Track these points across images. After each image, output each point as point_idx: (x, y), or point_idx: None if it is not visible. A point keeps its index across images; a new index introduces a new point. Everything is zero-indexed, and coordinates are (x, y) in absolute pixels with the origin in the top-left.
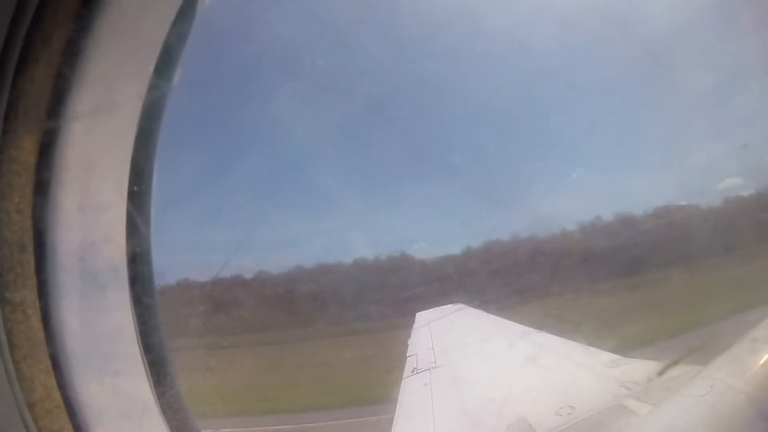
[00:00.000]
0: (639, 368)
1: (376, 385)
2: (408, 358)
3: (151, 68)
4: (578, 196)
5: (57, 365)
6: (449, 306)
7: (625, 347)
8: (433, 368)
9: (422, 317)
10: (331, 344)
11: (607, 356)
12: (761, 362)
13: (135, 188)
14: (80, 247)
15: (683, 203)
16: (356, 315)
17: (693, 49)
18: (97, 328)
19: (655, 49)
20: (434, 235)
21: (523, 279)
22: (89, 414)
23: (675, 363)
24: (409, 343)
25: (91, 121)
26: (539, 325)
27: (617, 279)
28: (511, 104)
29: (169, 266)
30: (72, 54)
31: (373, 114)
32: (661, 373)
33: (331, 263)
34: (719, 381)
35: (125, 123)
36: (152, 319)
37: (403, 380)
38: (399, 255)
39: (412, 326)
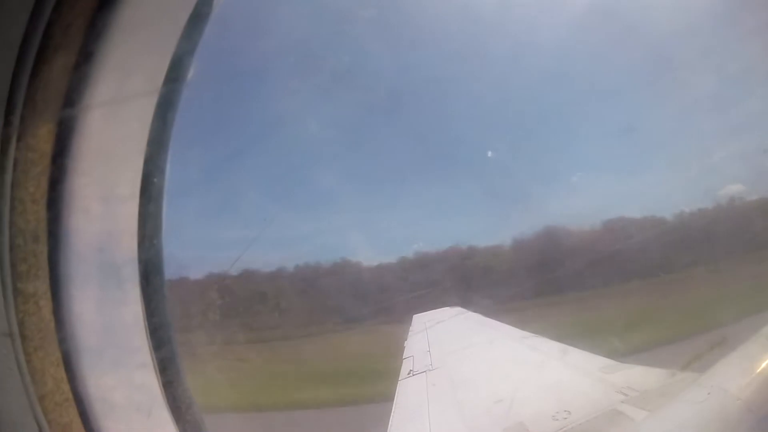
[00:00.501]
0: (636, 374)
1: (372, 386)
2: (404, 360)
3: (168, 61)
4: (579, 200)
5: (67, 358)
6: (447, 309)
7: (623, 352)
8: (430, 371)
9: (419, 319)
10: (328, 344)
11: (604, 361)
12: (759, 369)
13: (148, 181)
14: (94, 238)
15: (686, 207)
16: (353, 315)
17: (697, 53)
18: (108, 321)
19: (660, 53)
20: (433, 236)
21: (521, 283)
22: (98, 407)
23: (672, 369)
24: (405, 345)
25: (107, 112)
26: (536, 330)
27: (617, 284)
28: (516, 106)
29: (180, 260)
30: (91, 44)
31: (379, 114)
32: (658, 379)
33: (330, 263)
34: (716, 387)
35: (141, 115)
36: (162, 314)
37: (399, 382)
38: (398, 256)
39: (409, 328)
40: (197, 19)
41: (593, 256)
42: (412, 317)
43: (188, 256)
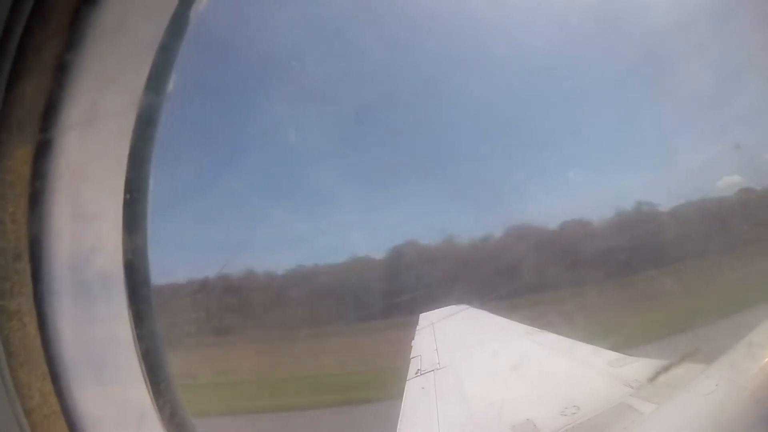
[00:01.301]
0: (643, 367)
1: (379, 385)
2: (412, 360)
3: (145, 75)
4: (577, 196)
5: (54, 372)
6: (453, 306)
7: (629, 346)
8: (437, 369)
9: (426, 318)
10: (332, 344)
11: (611, 355)
12: (766, 359)
13: (130, 195)
14: (76, 254)
15: (682, 202)
16: (358, 315)
17: (690, 47)
18: (94, 335)
19: (652, 48)
20: (434, 236)
21: (526, 279)
22: (86, 421)
23: (679, 362)
24: (412, 344)
25: (85, 130)
26: (543, 325)
27: (620, 278)
28: (507, 104)
29: (167, 268)
30: (65, 63)
31: (370, 114)
32: (665, 371)
33: (332, 263)
34: (724, 379)
35: (120, 131)
36: (149, 325)
37: (406, 381)
38: (401, 255)
39: (415, 326)
40: (175, 30)
41: (595, 251)
42: (418, 316)
43: (185, 259)
